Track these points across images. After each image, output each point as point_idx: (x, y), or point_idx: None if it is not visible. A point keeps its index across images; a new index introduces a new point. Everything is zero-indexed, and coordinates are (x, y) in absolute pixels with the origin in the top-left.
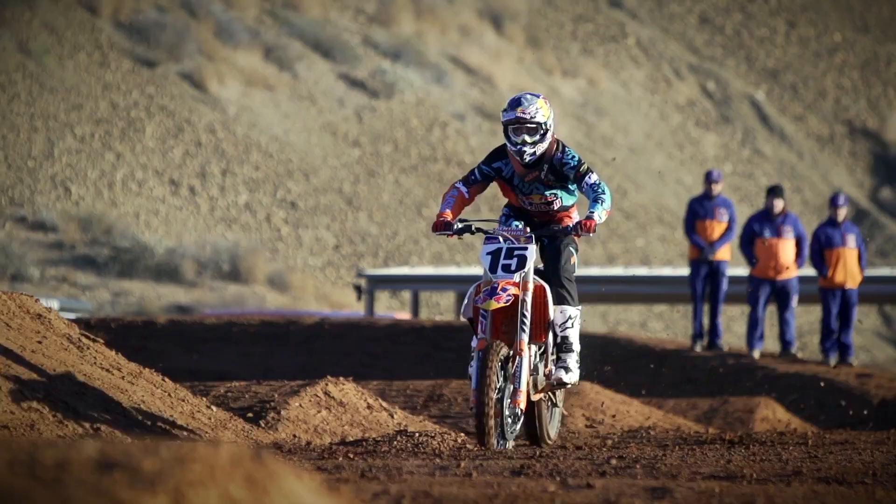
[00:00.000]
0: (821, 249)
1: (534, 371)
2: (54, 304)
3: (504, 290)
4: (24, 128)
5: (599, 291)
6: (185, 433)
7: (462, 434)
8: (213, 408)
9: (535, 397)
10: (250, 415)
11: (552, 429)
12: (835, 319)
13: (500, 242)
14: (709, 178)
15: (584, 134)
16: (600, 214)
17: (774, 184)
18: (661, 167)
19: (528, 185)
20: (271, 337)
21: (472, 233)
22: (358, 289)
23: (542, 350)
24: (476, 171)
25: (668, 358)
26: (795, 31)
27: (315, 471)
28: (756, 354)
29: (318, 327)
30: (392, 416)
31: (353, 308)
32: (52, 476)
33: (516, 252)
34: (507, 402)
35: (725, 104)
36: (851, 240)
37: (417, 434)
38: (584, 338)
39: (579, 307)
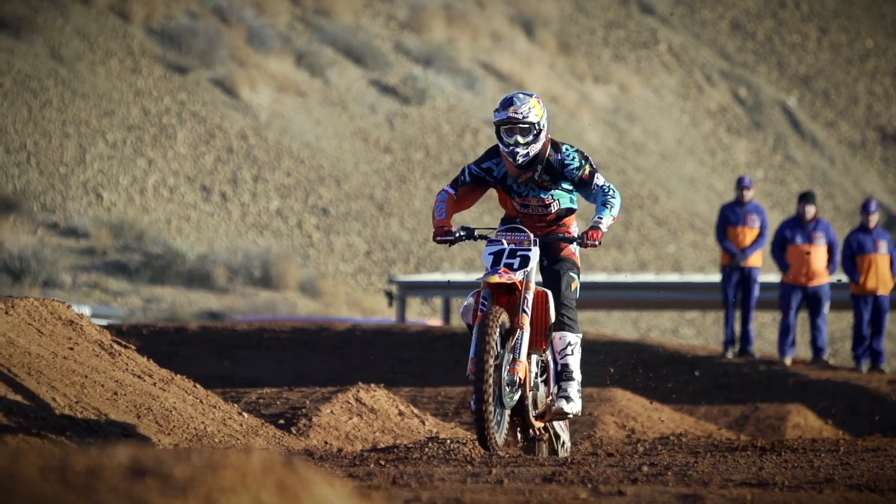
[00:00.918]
0: (852, 256)
1: (534, 387)
2: (86, 311)
3: (507, 270)
4: (56, 134)
5: (631, 298)
6: (216, 440)
7: None
8: (245, 414)
9: (537, 423)
10: (282, 421)
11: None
12: (867, 326)
13: (503, 244)
14: (740, 185)
15: (615, 140)
16: (607, 222)
17: (806, 190)
18: (692, 173)
19: (523, 186)
20: (303, 343)
21: (475, 239)
22: (389, 295)
23: (543, 373)
24: (465, 171)
25: (700, 364)
26: (827, 37)
27: (346, 478)
28: (788, 361)
29: (350, 334)
30: (423, 423)
31: (384, 314)
32: (83, 482)
33: (519, 252)
34: (505, 369)
35: (757, 110)
36: (883, 246)
37: (449, 441)
38: (615, 344)
39: (580, 334)
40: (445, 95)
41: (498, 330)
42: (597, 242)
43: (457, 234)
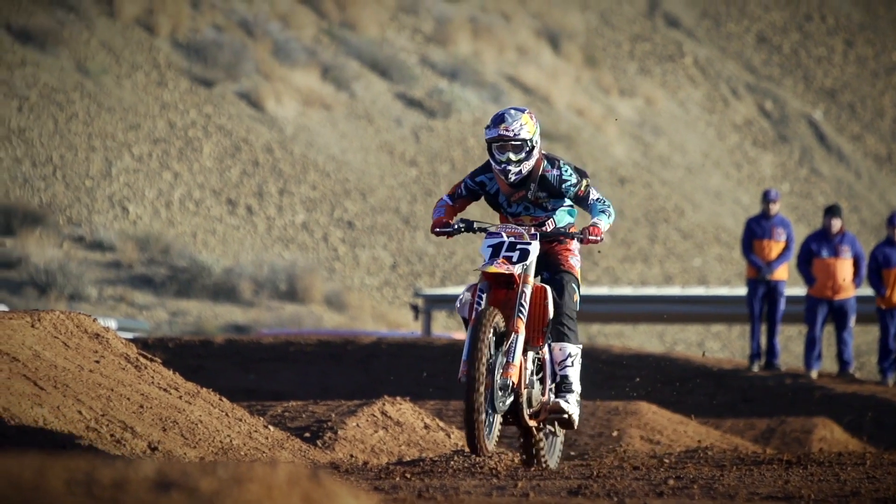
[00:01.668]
0: (878, 269)
1: (529, 385)
2: (112, 324)
3: (505, 264)
4: (82, 147)
5: (658, 311)
6: (242, 453)
7: (519, 454)
8: (271, 427)
9: (531, 423)
10: (307, 434)
11: (552, 460)
12: (893, 339)
13: (502, 237)
14: (766, 198)
15: (641, 153)
16: (605, 225)
17: (832, 203)
18: (718, 187)
19: (516, 204)
20: (328, 357)
21: (474, 231)
22: (415, 308)
23: (539, 371)
24: (462, 186)
25: (726, 378)
26: (853, 50)
27: (372, 491)
28: (814, 374)
29: (376, 347)
30: (449, 436)
31: (410, 328)
32: (109, 496)
33: (519, 246)
34: (498, 372)
35: (783, 123)
36: None
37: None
38: (641, 358)
39: (580, 346)
40: (471, 109)
41: (492, 331)
42: (598, 238)
43: (455, 226)
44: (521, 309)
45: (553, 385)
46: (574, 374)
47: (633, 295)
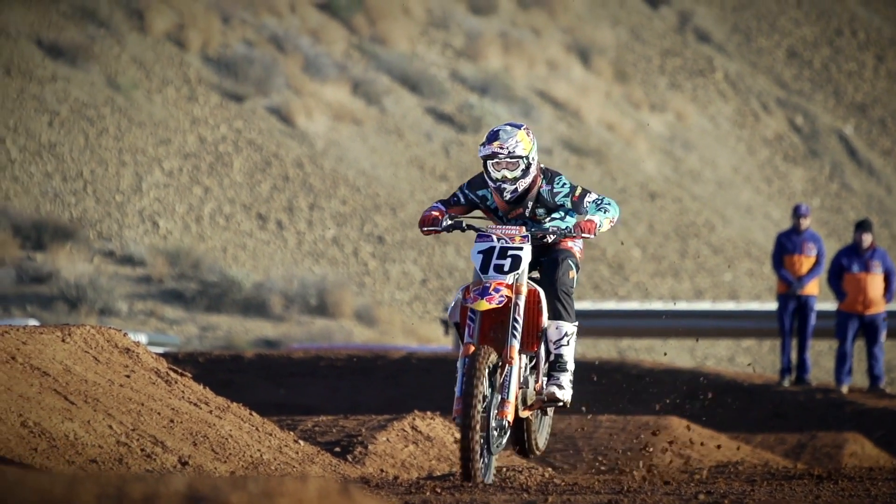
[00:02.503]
0: None
1: (523, 384)
2: (142, 338)
3: (496, 290)
4: (113, 162)
5: (688, 326)
6: (272, 467)
7: (549, 469)
8: (301, 442)
9: (523, 413)
10: (338, 449)
11: (541, 438)
12: None
13: (492, 241)
14: (797, 213)
15: (671, 168)
16: (602, 220)
17: (863, 218)
18: (748, 202)
19: (514, 220)
20: (358, 371)
21: (463, 230)
22: (445, 323)
23: (532, 363)
24: (459, 193)
25: (756, 393)
26: (884, 65)
27: None
28: (844, 389)
29: (406, 361)
30: None
31: (440, 342)
32: None
33: (510, 252)
34: (493, 412)
35: (813, 138)
36: None
37: (504, 469)
38: (672, 373)
39: (576, 323)
40: (501, 123)
41: (486, 372)
42: (591, 235)
43: (444, 224)
44: (516, 326)
45: (546, 364)
46: (569, 352)
47: (664, 310)
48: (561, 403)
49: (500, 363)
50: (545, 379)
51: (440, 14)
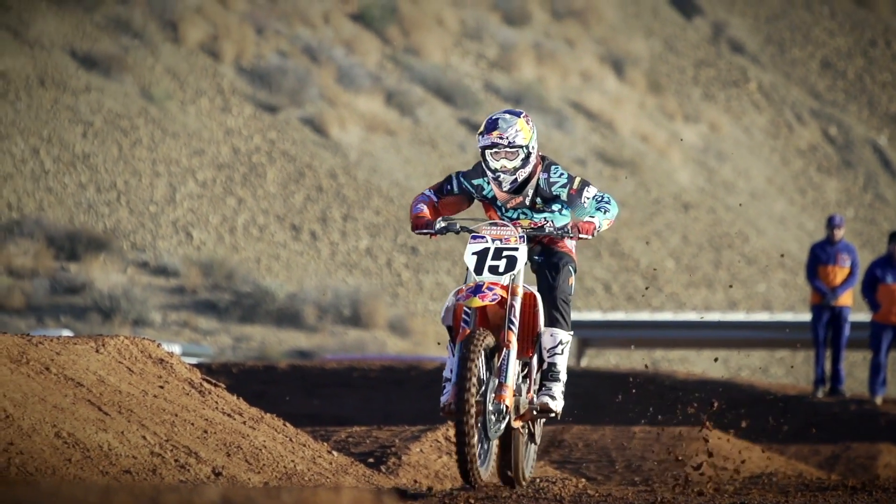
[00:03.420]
0: None
1: (516, 392)
2: (176, 349)
3: (489, 288)
4: (147, 173)
5: (721, 337)
6: (306, 478)
7: (583, 480)
8: (334, 453)
9: (515, 423)
10: (371, 460)
11: (528, 467)
12: None
13: (487, 242)
14: (831, 224)
15: (705, 179)
16: (601, 221)
17: None
18: (782, 212)
19: (513, 210)
20: (392, 382)
21: (457, 232)
22: None
23: (524, 372)
24: (453, 181)
25: (790, 404)
26: None
27: None
28: (878, 400)
29: (439, 372)
30: None
31: None
32: None
33: (505, 253)
34: (490, 397)
35: (847, 149)
36: None
37: (538, 480)
38: (706, 384)
39: (571, 332)
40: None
41: (482, 354)
42: (589, 236)
43: (437, 227)
44: (512, 325)
45: (538, 372)
46: (562, 362)
47: (698, 321)
48: (553, 414)
49: (497, 348)
50: (537, 388)
51: (474, 25)
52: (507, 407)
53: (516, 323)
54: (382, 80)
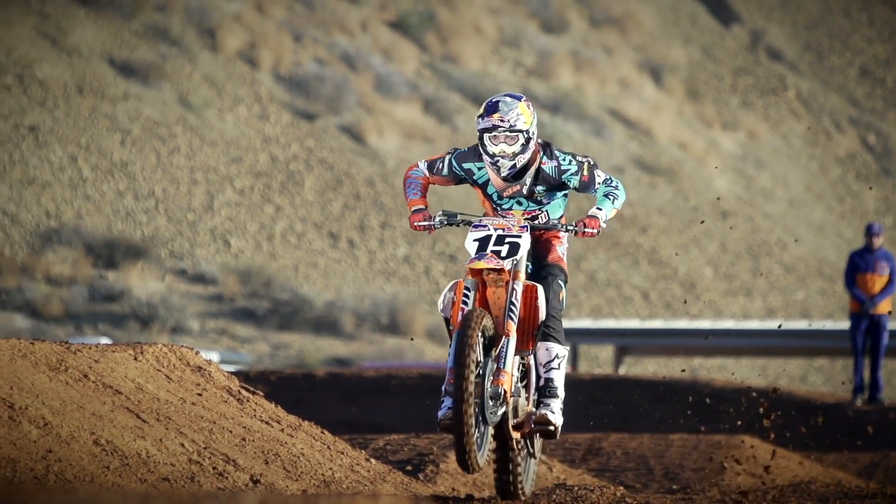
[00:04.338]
0: None
1: (515, 393)
2: (214, 357)
3: (494, 258)
4: (185, 181)
5: (760, 345)
6: (344, 486)
7: (621, 488)
8: (372, 460)
9: (514, 434)
10: (409, 467)
11: (528, 483)
12: None
13: (489, 230)
14: (870, 232)
15: (743, 187)
16: (607, 214)
17: None
18: (821, 220)
19: (508, 198)
20: (430, 390)
21: (457, 225)
22: None
23: (523, 377)
24: (445, 162)
25: (829, 412)
26: None
27: None
28: None
29: None
30: (551, 470)
31: None
32: None
33: (508, 239)
34: (488, 380)
35: (886, 157)
36: None
37: (576, 488)
38: (745, 391)
39: (567, 347)
40: (573, 142)
41: (480, 335)
42: (595, 231)
43: (437, 221)
44: (513, 309)
45: (536, 390)
46: (559, 377)
47: (736, 329)
48: (552, 427)
49: (496, 335)
50: (535, 401)
51: (511, 33)
52: (505, 391)
53: (518, 306)
54: (420, 87)
